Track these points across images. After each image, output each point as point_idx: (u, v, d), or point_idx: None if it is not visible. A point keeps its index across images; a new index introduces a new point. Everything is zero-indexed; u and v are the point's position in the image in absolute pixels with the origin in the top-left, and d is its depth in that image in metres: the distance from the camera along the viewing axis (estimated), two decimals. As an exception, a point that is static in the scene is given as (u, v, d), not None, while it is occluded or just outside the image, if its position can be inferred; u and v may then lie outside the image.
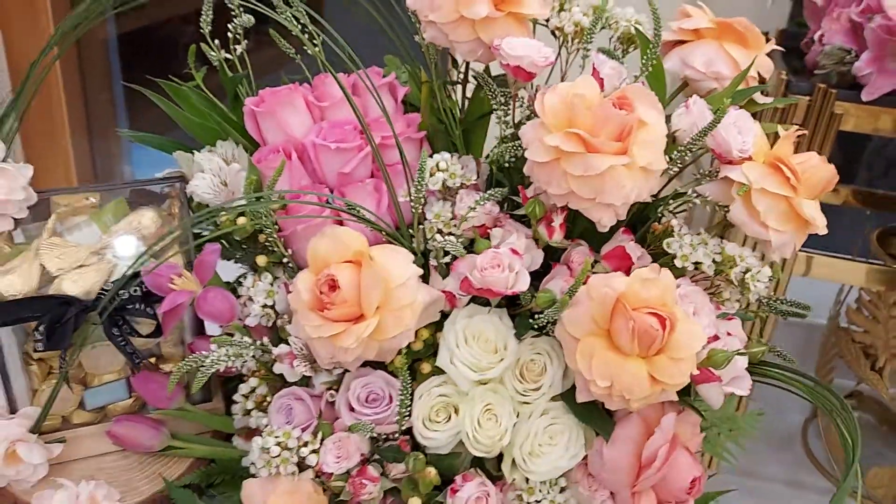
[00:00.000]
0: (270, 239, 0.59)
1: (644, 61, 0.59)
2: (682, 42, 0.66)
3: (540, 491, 0.55)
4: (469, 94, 0.68)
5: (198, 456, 0.65)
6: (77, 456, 0.64)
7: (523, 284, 0.54)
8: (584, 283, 0.52)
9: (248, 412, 0.60)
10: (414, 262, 0.55)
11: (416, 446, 0.56)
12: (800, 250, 1.28)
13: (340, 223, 0.59)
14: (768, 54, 0.65)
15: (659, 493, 0.55)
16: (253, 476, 0.56)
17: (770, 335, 1.35)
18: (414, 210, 0.57)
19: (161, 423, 0.64)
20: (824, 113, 1.16)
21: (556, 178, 0.53)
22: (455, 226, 0.58)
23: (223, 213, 0.60)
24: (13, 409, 0.62)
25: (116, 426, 0.63)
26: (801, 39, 1.26)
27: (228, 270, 0.66)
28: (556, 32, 0.65)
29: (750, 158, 0.56)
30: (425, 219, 0.59)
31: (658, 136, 0.54)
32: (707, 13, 0.66)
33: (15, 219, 0.59)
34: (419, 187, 0.56)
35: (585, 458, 0.56)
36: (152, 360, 0.66)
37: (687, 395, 0.57)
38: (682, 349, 0.51)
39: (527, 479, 0.55)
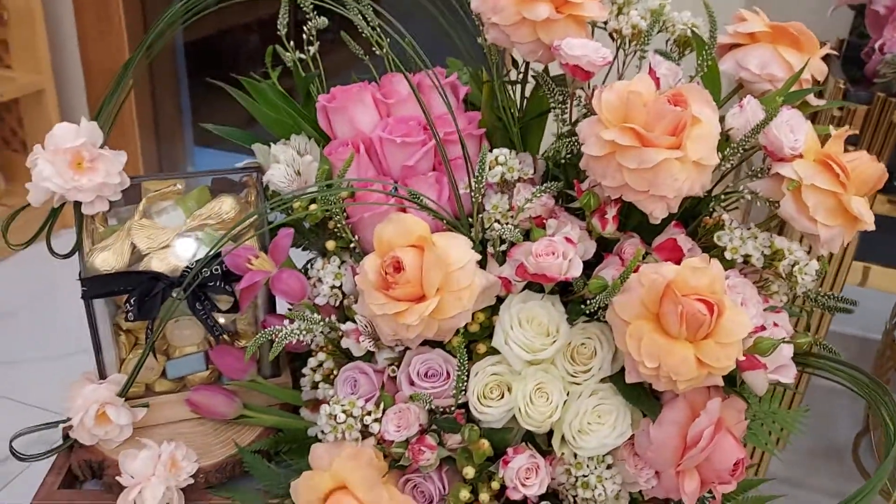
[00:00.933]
0: (339, 225, 0.63)
1: (700, 62, 0.62)
2: (737, 45, 0.68)
3: (587, 466, 0.58)
4: (527, 94, 0.72)
5: (267, 425, 0.69)
6: (158, 421, 0.69)
7: (576, 271, 0.57)
8: (635, 272, 0.55)
9: (315, 385, 0.64)
10: (472, 249, 0.59)
11: (471, 419, 0.59)
12: (857, 260, 1.28)
13: (404, 211, 0.63)
14: (828, 63, 0.67)
15: (703, 474, 0.58)
16: (319, 443, 0.60)
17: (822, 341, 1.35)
18: (474, 200, 0.61)
19: (235, 393, 0.69)
20: (883, 122, 1.16)
21: (610, 171, 0.56)
22: (512, 216, 0.61)
23: (296, 199, 0.64)
24: (103, 376, 0.68)
25: (195, 394, 0.68)
26: (862, 50, 1.26)
27: (298, 259, 0.71)
28: (614, 35, 0.68)
29: (801, 156, 0.58)
30: (484, 209, 0.63)
31: (711, 132, 0.57)
32: (763, 17, 0.68)
33: (110, 201, 0.64)
34: (479, 179, 0.60)
35: (632, 438, 0.58)
36: (228, 336, 0.71)
37: (732, 383, 0.59)
38: (728, 335, 0.53)
39: (575, 455, 0.58)
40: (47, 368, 1.71)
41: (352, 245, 0.64)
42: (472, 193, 0.61)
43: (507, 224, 0.60)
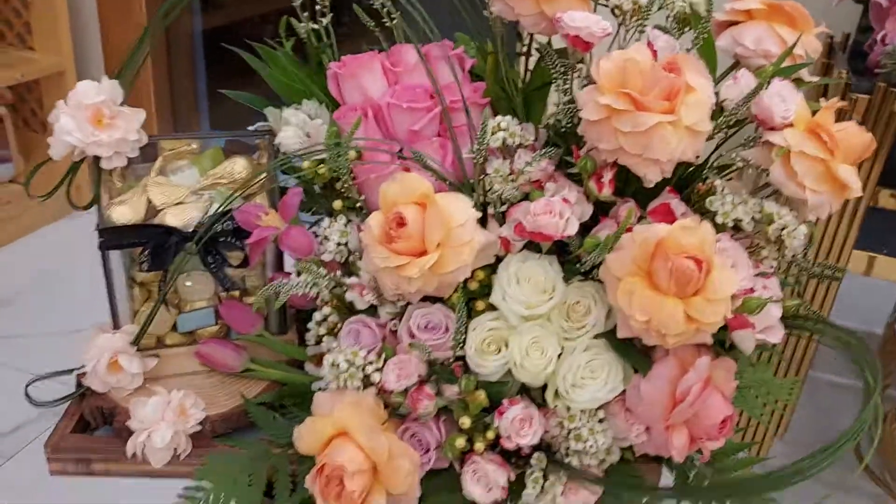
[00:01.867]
0: (346, 185, 0.66)
1: (696, 35, 0.64)
2: (734, 23, 0.70)
3: (580, 419, 0.60)
4: (531, 68, 0.74)
5: (273, 379, 0.72)
6: (168, 373, 0.72)
7: (572, 230, 0.59)
8: (629, 231, 0.58)
9: (320, 339, 0.67)
10: (473, 209, 0.61)
11: (469, 372, 0.61)
12: (861, 250, 1.30)
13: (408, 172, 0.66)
14: (834, 57, 0.69)
15: (691, 430, 0.60)
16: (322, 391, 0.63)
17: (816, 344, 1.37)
18: (475, 161, 0.63)
19: (243, 347, 0.72)
20: (884, 111, 1.18)
21: (606, 134, 0.59)
22: (512, 179, 0.64)
23: (305, 160, 0.67)
24: (117, 327, 0.70)
25: (204, 346, 0.71)
26: (866, 43, 1.27)
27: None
28: (616, 11, 0.70)
29: (791, 125, 0.60)
30: (485, 173, 0.65)
31: (704, 99, 0.59)
32: (760, -4, 0.70)
33: (128, 158, 0.67)
34: (481, 141, 0.62)
35: (624, 394, 0.61)
36: (237, 293, 0.73)
37: (722, 345, 0.61)
38: (717, 291, 0.55)
39: (568, 408, 0.60)
40: (53, 343, 1.75)
41: (358, 205, 0.66)
42: (475, 156, 0.63)
43: (507, 186, 0.63)
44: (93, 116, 0.64)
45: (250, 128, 0.73)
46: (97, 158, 0.66)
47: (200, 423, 0.68)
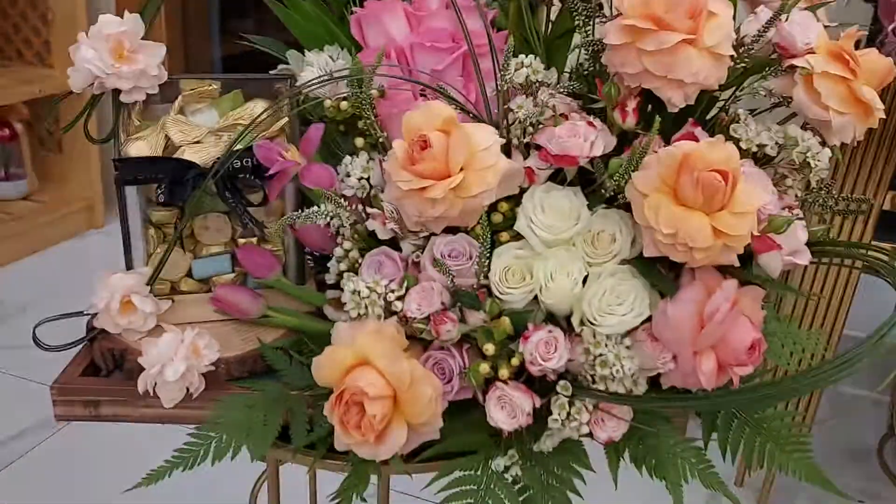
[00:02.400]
0: (368, 121, 0.65)
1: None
2: (752, -29, 0.71)
3: (606, 346, 0.58)
4: (553, 19, 0.75)
5: (290, 326, 0.71)
6: (182, 320, 0.70)
7: (598, 150, 0.59)
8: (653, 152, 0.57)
9: (340, 275, 0.66)
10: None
11: (493, 297, 0.60)
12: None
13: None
14: None
15: (719, 355, 0.59)
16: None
17: (837, 344, 1.35)
18: (499, 93, 0.63)
19: (260, 294, 0.71)
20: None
21: (630, 58, 0.59)
22: (538, 111, 0.64)
23: (328, 98, 0.67)
24: (130, 268, 0.70)
25: (220, 290, 0.70)
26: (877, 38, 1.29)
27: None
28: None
29: (813, 52, 0.60)
30: (510, 110, 0.65)
31: (726, 25, 0.59)
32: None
33: (147, 94, 0.67)
34: (504, 75, 0.62)
35: (650, 322, 0.59)
36: (254, 240, 0.72)
37: (749, 270, 0.60)
38: (743, 205, 0.55)
39: (594, 334, 0.59)
40: (59, 355, 1.74)
41: (380, 140, 0.66)
42: (499, 89, 0.63)
43: (532, 112, 0.62)
44: (114, 48, 0.64)
45: (272, 72, 0.73)
46: (116, 92, 0.66)
47: (214, 364, 0.66)
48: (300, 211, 0.63)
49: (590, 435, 0.62)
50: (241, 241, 0.72)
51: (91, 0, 2.22)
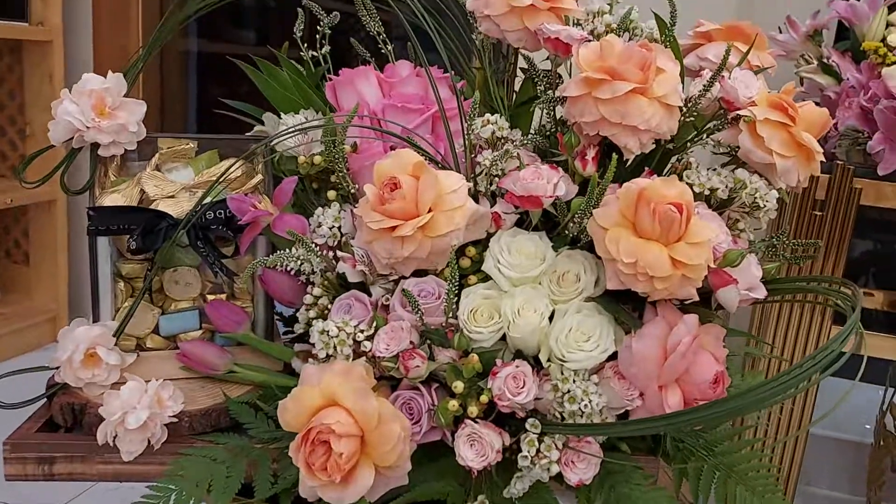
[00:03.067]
0: (341, 174, 0.68)
1: (663, 39, 0.70)
2: (698, 46, 0.77)
3: (574, 381, 0.59)
4: (516, 89, 0.80)
5: (256, 382, 0.70)
6: (146, 377, 0.69)
7: (561, 190, 0.61)
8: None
9: (309, 323, 0.66)
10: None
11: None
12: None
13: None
14: None
15: (684, 389, 0.59)
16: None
17: (804, 451, 1.36)
18: (466, 148, 0.66)
19: (227, 351, 0.70)
20: (844, 188, 1.24)
21: (588, 107, 0.63)
22: (503, 155, 0.66)
23: (302, 156, 0.70)
24: (97, 321, 0.69)
25: (187, 345, 0.69)
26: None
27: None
28: (591, 36, 0.77)
29: (755, 104, 0.65)
30: (477, 163, 0.68)
31: (673, 79, 0.64)
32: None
33: (126, 149, 0.69)
34: (472, 127, 0.66)
35: (616, 358, 0.60)
36: (223, 296, 0.73)
37: (708, 307, 0.62)
38: (697, 235, 0.57)
39: (562, 371, 0.59)
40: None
41: (351, 192, 0.68)
42: (466, 141, 0.66)
43: (498, 157, 0.65)
44: (96, 104, 0.67)
45: (248, 133, 0.76)
46: (95, 146, 0.68)
47: (177, 416, 0.65)
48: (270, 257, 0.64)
49: (560, 479, 0.61)
50: (210, 297, 0.72)
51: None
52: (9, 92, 2.27)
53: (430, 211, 0.61)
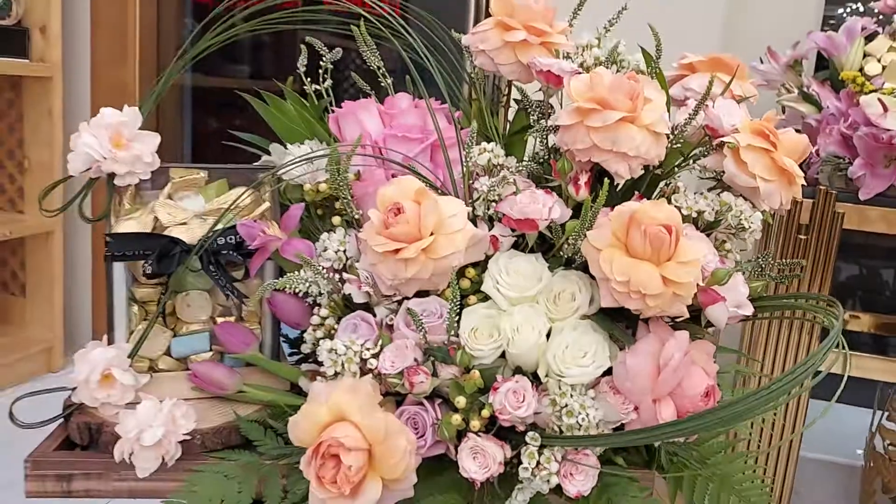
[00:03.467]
0: (345, 200, 0.71)
1: (649, 70, 0.74)
2: (682, 77, 0.81)
3: (571, 396, 0.62)
4: (510, 119, 0.84)
5: (265, 401, 0.72)
6: (160, 397, 0.72)
7: (556, 213, 0.65)
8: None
9: (317, 343, 0.69)
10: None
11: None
12: (838, 350, 1.35)
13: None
14: None
15: (677, 402, 0.62)
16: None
17: (795, 474, 1.39)
18: (464, 175, 0.70)
19: (236, 371, 0.73)
20: (827, 212, 1.28)
21: (580, 135, 0.66)
22: (500, 180, 0.70)
23: (308, 184, 0.73)
24: (111, 343, 0.72)
25: (198, 365, 0.72)
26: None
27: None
28: (581, 69, 0.81)
29: (738, 131, 0.69)
30: (475, 189, 0.72)
31: (660, 108, 0.67)
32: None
33: (140, 179, 0.72)
34: (469, 155, 0.70)
35: (611, 373, 0.63)
36: (232, 319, 0.75)
37: (698, 324, 0.65)
38: (687, 254, 0.60)
39: (559, 385, 0.62)
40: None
41: (356, 217, 0.71)
42: (464, 168, 0.70)
43: (493, 191, 0.69)
44: (113, 136, 0.70)
45: (255, 164, 0.79)
46: (111, 176, 0.71)
47: (190, 434, 0.67)
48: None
49: (560, 491, 0.63)
50: (220, 319, 0.75)
51: (67, 147, 2.32)
52: (8, 127, 2.31)
53: (431, 234, 0.64)
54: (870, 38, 1.39)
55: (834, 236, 1.28)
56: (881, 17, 1.45)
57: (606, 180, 0.64)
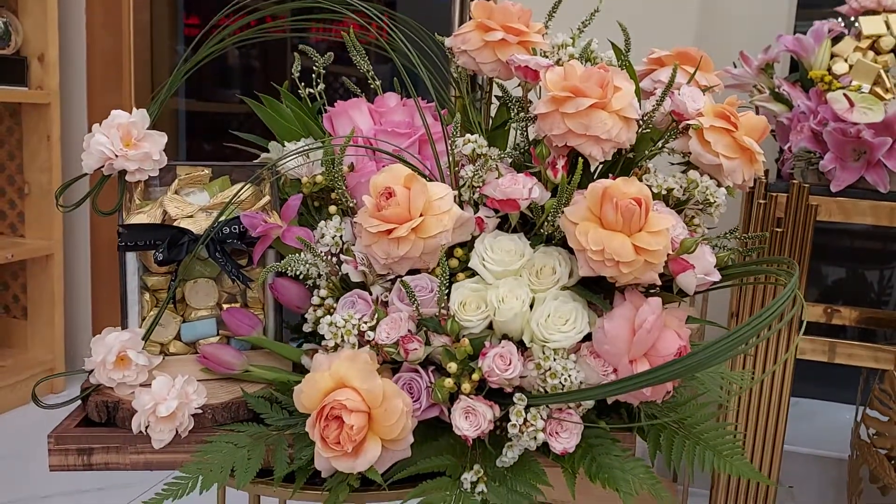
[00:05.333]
0: (340, 191, 0.76)
1: (619, 63, 0.80)
2: (652, 70, 0.87)
3: (554, 359, 0.67)
4: (492, 115, 0.89)
5: (270, 379, 0.77)
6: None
7: (536, 194, 0.70)
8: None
9: (317, 321, 0.74)
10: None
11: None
12: (822, 338, 1.41)
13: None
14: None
15: (652, 362, 0.67)
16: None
17: (780, 467, 1.44)
18: (451, 158, 0.75)
19: (242, 353, 0.78)
20: (801, 206, 1.34)
21: (556, 122, 0.72)
22: (484, 163, 0.75)
23: (305, 177, 0.79)
24: (124, 328, 0.76)
25: (207, 347, 0.77)
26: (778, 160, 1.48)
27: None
28: (556, 65, 0.87)
29: (702, 114, 0.74)
30: (460, 177, 0.77)
31: (629, 95, 0.73)
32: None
33: (149, 175, 0.77)
34: (454, 145, 0.75)
35: (590, 339, 0.68)
36: (237, 305, 0.81)
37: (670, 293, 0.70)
38: (657, 225, 0.66)
39: (543, 350, 0.67)
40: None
41: (350, 206, 0.77)
42: (450, 156, 0.75)
43: (478, 176, 0.74)
44: (123, 136, 0.75)
45: (255, 161, 0.85)
46: (122, 173, 0.76)
47: (201, 409, 0.72)
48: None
49: (547, 450, 0.68)
50: (226, 305, 0.80)
51: (66, 171, 2.37)
52: (8, 153, 2.36)
53: (421, 215, 0.69)
54: (836, 39, 1.46)
55: (808, 227, 1.34)
56: (848, 20, 1.52)
57: (581, 160, 0.69)
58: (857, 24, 1.43)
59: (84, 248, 2.47)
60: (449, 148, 0.76)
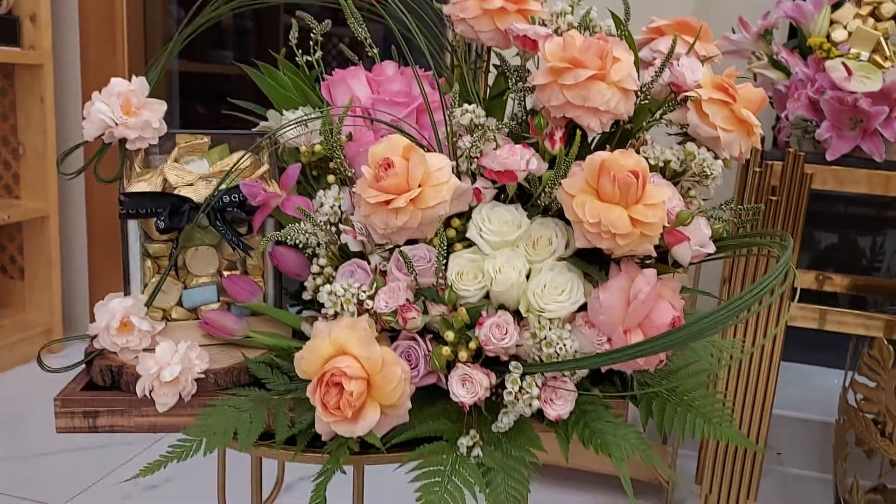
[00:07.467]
0: (338, 160, 0.77)
1: (618, 32, 0.80)
2: (651, 39, 0.87)
3: (549, 329, 0.68)
4: (490, 84, 0.89)
5: (270, 345, 0.78)
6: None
7: (533, 165, 0.71)
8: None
9: (317, 289, 0.75)
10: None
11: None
12: (813, 305, 1.43)
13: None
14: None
15: (646, 332, 0.68)
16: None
17: (768, 429, 1.47)
18: (448, 128, 0.76)
19: (243, 319, 0.79)
20: (796, 174, 1.35)
21: (555, 93, 0.72)
22: (481, 134, 0.76)
23: (304, 146, 0.79)
24: (127, 295, 0.77)
25: (209, 313, 0.78)
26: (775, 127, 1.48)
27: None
28: (555, 34, 0.87)
29: (700, 86, 0.75)
30: (458, 147, 0.78)
31: (628, 66, 0.73)
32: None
33: (150, 143, 0.78)
34: (452, 115, 0.76)
35: (585, 309, 0.69)
36: (238, 272, 0.81)
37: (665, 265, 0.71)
38: (653, 197, 0.67)
39: (539, 319, 0.68)
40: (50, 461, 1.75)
41: (349, 175, 0.77)
42: (447, 125, 0.76)
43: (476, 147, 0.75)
44: (123, 104, 0.75)
45: (254, 129, 0.85)
46: (122, 141, 0.76)
47: (204, 374, 0.73)
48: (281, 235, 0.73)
49: (541, 417, 0.70)
50: (227, 272, 0.81)
51: (60, 133, 2.36)
52: (2, 114, 2.34)
53: (419, 186, 0.70)
54: (836, 6, 1.45)
55: (803, 196, 1.35)
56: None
57: (579, 132, 0.70)
58: (857, -9, 1.42)
59: (80, 211, 2.47)
60: (447, 118, 0.76)
